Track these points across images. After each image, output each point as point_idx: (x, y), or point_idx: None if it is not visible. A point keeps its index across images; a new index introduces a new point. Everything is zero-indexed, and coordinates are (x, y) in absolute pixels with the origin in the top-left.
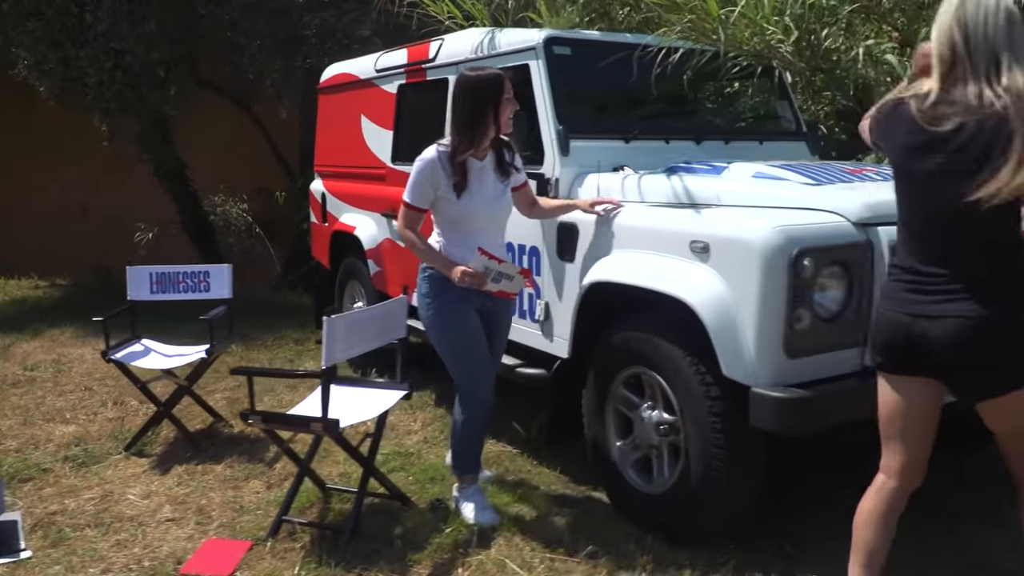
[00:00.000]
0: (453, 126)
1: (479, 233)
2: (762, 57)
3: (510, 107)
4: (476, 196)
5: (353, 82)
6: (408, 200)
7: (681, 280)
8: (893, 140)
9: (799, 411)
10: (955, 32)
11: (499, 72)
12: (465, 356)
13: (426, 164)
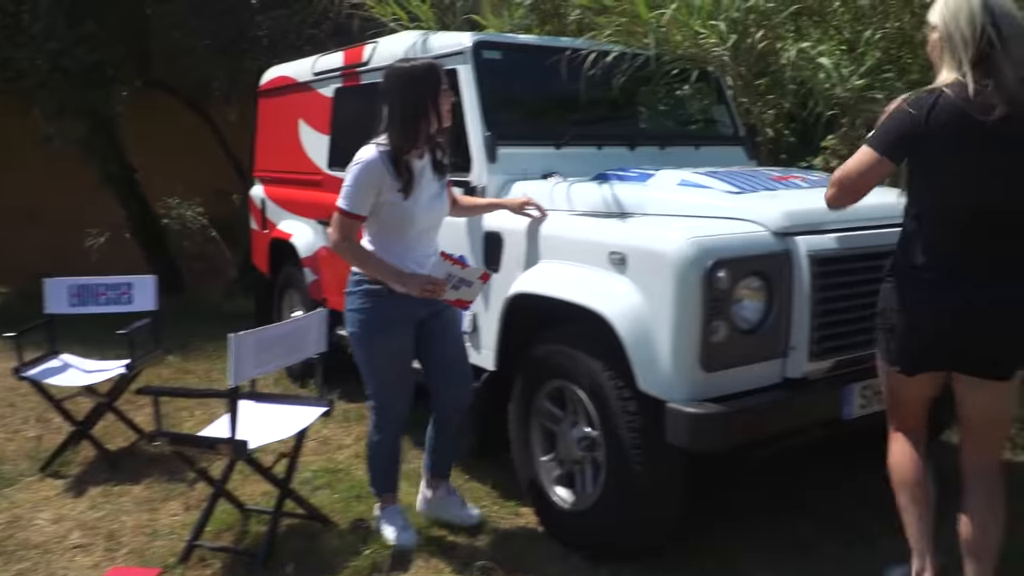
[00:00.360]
0: (390, 123)
1: (419, 238)
2: (697, 61)
3: (447, 98)
4: (420, 198)
5: (291, 85)
6: (346, 207)
7: (599, 292)
8: (942, 132)
9: (714, 427)
10: (984, 18)
11: (433, 62)
12: (389, 377)
13: (368, 165)
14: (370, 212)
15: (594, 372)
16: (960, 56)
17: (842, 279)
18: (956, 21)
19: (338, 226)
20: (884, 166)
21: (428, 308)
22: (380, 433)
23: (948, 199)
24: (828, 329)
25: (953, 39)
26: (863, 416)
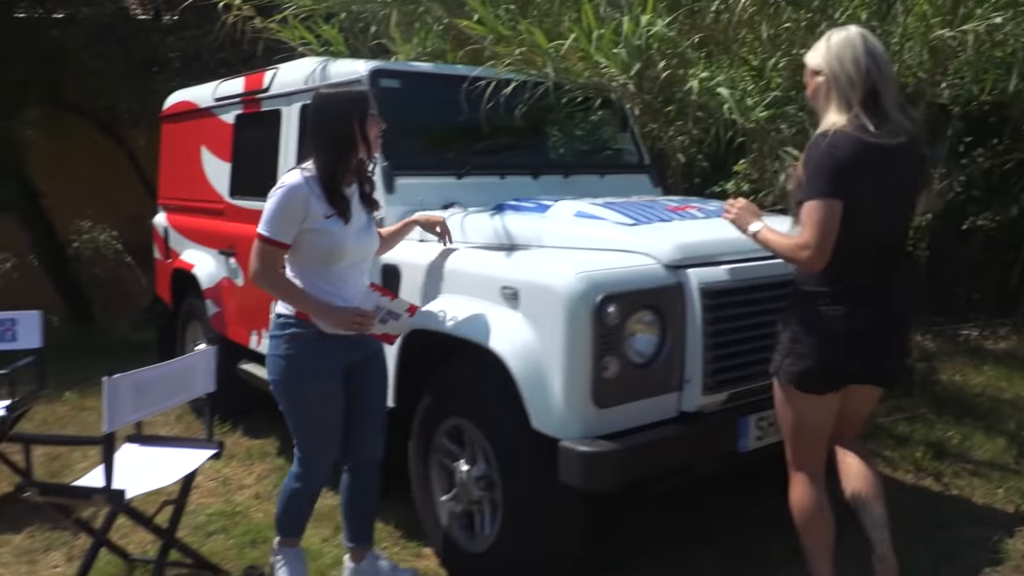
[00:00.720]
0: (317, 150)
1: (349, 271)
2: (600, 89)
3: (376, 124)
4: (351, 227)
5: (193, 111)
6: (269, 235)
7: (492, 328)
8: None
9: (607, 465)
10: (867, 60)
11: (362, 88)
12: (318, 429)
13: (293, 190)
14: (293, 242)
15: (489, 409)
16: (849, 97)
17: (734, 311)
18: (842, 64)
19: (259, 254)
20: (838, 206)
21: (359, 353)
22: (301, 482)
23: (862, 228)
24: (722, 362)
25: (840, 81)
26: (760, 448)
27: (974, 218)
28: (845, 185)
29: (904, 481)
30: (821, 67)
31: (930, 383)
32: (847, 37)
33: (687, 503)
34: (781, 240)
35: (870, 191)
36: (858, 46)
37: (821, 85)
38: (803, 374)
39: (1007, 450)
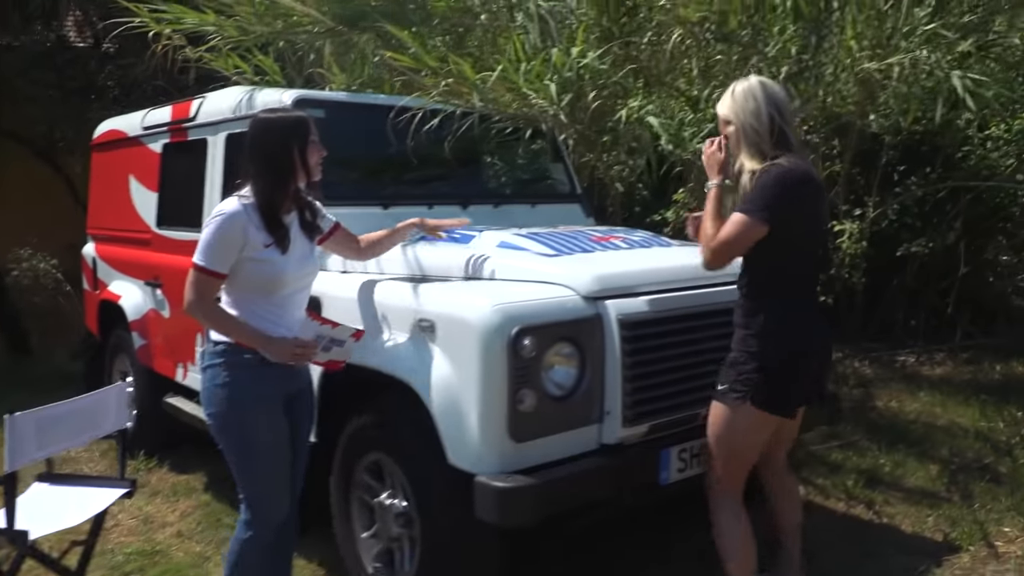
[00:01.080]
0: (255, 177)
1: (289, 300)
2: (530, 120)
3: (317, 151)
4: (291, 254)
5: (122, 140)
6: (205, 264)
7: (408, 361)
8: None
9: (523, 501)
10: (773, 110)
11: (303, 114)
12: (264, 470)
13: (230, 218)
14: (230, 271)
15: (406, 444)
16: (759, 144)
17: (654, 342)
18: (747, 114)
19: (194, 285)
20: (759, 232)
21: (295, 384)
22: (250, 531)
23: (802, 257)
24: (642, 393)
25: (747, 131)
26: (682, 480)
27: (908, 245)
28: (778, 215)
29: (835, 509)
30: (730, 117)
31: (866, 410)
32: (749, 88)
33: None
34: (708, 221)
35: (808, 219)
36: (759, 96)
37: (733, 134)
38: (768, 393)
39: (938, 478)
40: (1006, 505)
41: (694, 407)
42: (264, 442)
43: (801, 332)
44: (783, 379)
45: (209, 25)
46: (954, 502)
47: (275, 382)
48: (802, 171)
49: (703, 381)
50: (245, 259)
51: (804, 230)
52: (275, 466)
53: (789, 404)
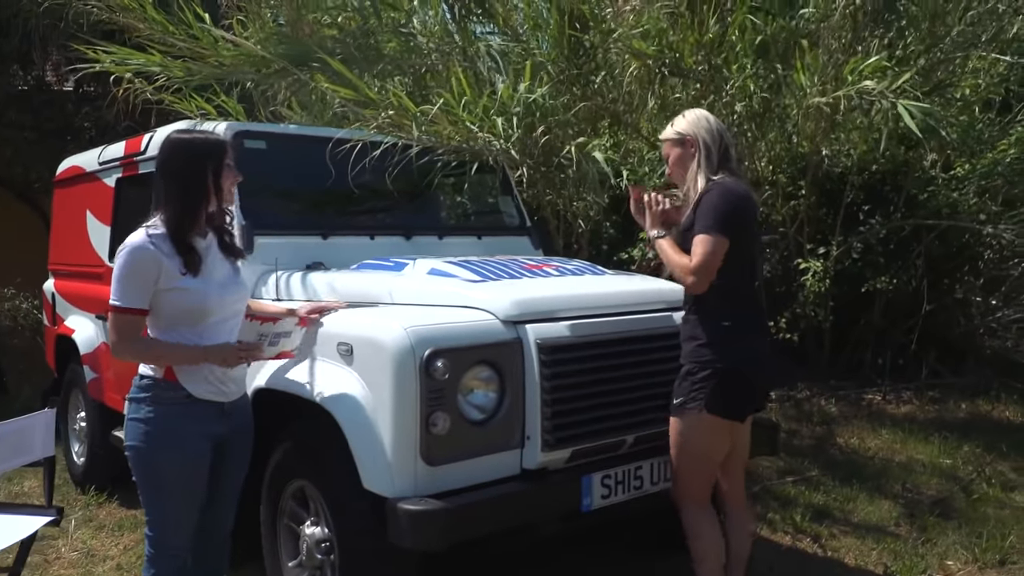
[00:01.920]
0: (166, 200)
1: (219, 328)
2: (476, 154)
3: (232, 175)
4: (211, 279)
5: (81, 175)
6: (121, 303)
7: (326, 385)
8: (749, 213)
9: (433, 524)
10: (721, 128)
11: (218, 135)
12: (174, 504)
13: (136, 251)
14: (151, 306)
15: (326, 470)
16: (711, 161)
17: (574, 367)
18: (701, 131)
19: (115, 326)
20: (725, 244)
21: (228, 424)
22: (155, 567)
23: (748, 268)
24: (562, 418)
25: (703, 144)
26: (607, 508)
27: (872, 282)
28: (734, 226)
29: (781, 543)
30: (687, 132)
31: (826, 446)
32: (699, 112)
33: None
34: (675, 257)
35: (751, 233)
36: (710, 118)
37: (686, 151)
38: (722, 398)
39: (888, 512)
40: (953, 539)
41: (619, 433)
42: (174, 482)
43: (749, 339)
44: (736, 384)
45: (155, 66)
46: (901, 536)
47: (199, 422)
48: (742, 189)
49: (629, 407)
50: (163, 291)
51: (748, 244)
52: (183, 509)
53: (743, 408)
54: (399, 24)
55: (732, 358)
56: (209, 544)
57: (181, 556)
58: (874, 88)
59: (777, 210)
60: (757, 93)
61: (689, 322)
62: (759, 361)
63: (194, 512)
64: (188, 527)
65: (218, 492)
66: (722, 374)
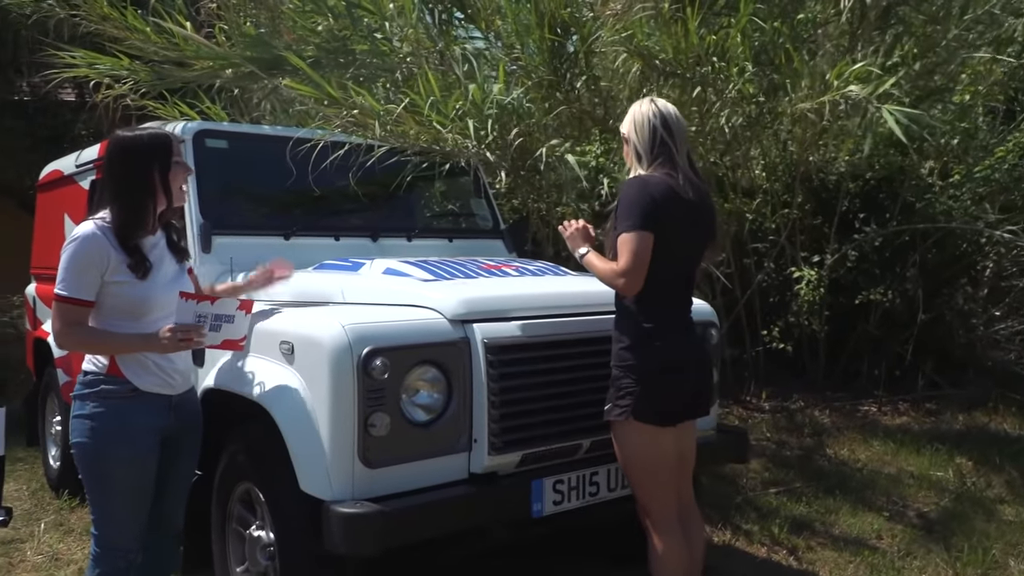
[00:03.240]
0: (112, 198)
1: (159, 324)
2: (447, 155)
3: (183, 172)
4: (157, 277)
5: (60, 179)
6: (66, 292)
7: (268, 384)
8: (668, 210)
9: (367, 529)
10: (658, 123)
11: (165, 131)
12: (123, 499)
13: (85, 241)
14: (96, 297)
15: (268, 472)
16: (640, 156)
17: (523, 368)
18: (635, 127)
19: (59, 316)
20: (650, 239)
21: (176, 419)
22: (100, 566)
23: (671, 266)
24: (510, 420)
25: (634, 142)
26: (560, 514)
27: (866, 292)
28: (656, 220)
29: (756, 554)
30: (623, 130)
31: (814, 458)
32: (638, 105)
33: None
34: (602, 265)
35: (677, 229)
36: (647, 112)
37: (627, 148)
38: (638, 404)
39: (870, 525)
40: (934, 553)
41: (573, 437)
42: (121, 479)
43: (672, 341)
44: (658, 388)
45: (123, 70)
46: (880, 550)
47: (146, 416)
48: (662, 183)
49: (582, 411)
50: (108, 283)
51: (667, 239)
52: (131, 506)
53: (669, 413)
54: (373, 29)
55: (654, 361)
56: (159, 541)
57: (128, 555)
58: (859, 93)
59: (768, 218)
60: (754, 98)
61: (614, 322)
62: (683, 362)
63: (142, 510)
64: (136, 525)
65: (166, 488)
66: (645, 378)
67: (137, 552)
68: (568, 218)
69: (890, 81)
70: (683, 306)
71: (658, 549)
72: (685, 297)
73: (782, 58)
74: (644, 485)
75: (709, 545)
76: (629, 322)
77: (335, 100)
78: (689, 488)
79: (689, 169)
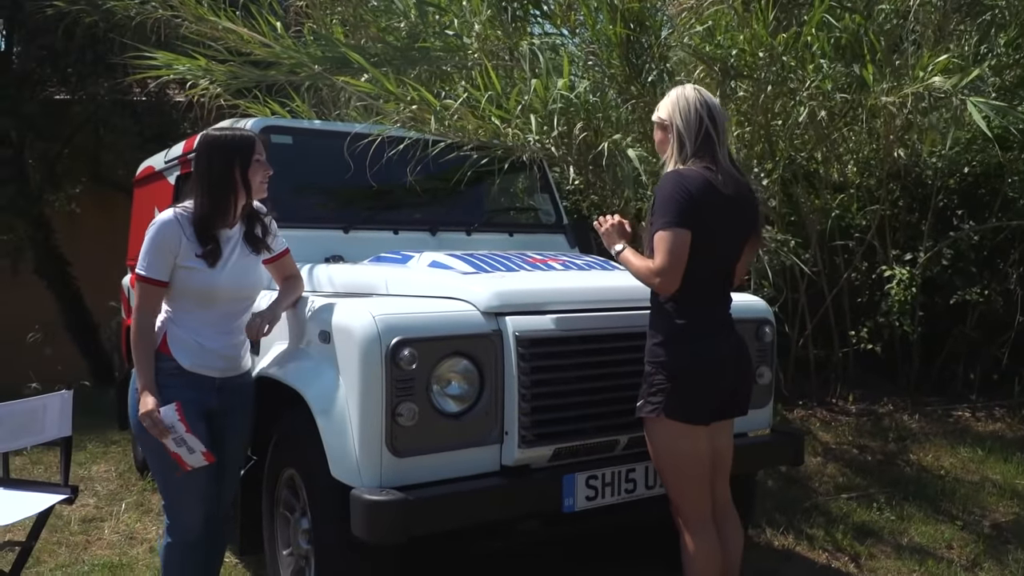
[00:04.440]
0: (198, 191)
1: (223, 312)
2: (509, 150)
3: (262, 170)
4: (225, 268)
5: (152, 175)
6: (144, 272)
7: (306, 372)
8: (707, 205)
9: (389, 516)
10: (704, 112)
11: (249, 132)
12: (174, 477)
13: (163, 226)
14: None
15: (308, 458)
16: (683, 146)
17: (556, 361)
18: (680, 114)
19: (138, 293)
20: (687, 236)
21: (222, 399)
22: (170, 535)
23: (708, 262)
24: (541, 414)
25: (679, 129)
26: (594, 510)
27: (961, 293)
28: (693, 216)
29: (816, 560)
30: (664, 117)
31: (896, 463)
32: (683, 91)
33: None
34: (639, 263)
35: (714, 225)
36: (689, 97)
37: (665, 136)
38: (678, 401)
39: (941, 535)
40: (1005, 566)
41: (610, 433)
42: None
43: (705, 338)
44: (690, 385)
45: (199, 70)
46: (947, 560)
47: (192, 390)
48: (700, 177)
49: (620, 407)
50: (179, 267)
51: (704, 235)
52: (184, 480)
53: (701, 411)
54: (444, 26)
55: (684, 358)
56: (212, 524)
57: (193, 523)
58: (942, 85)
59: (854, 214)
60: (833, 93)
61: (649, 318)
62: (717, 361)
63: (197, 479)
64: (194, 494)
65: (218, 466)
66: (676, 375)
67: (200, 528)
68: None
69: (974, 72)
70: (720, 303)
71: (690, 549)
72: (723, 294)
73: (864, 50)
74: (676, 483)
75: (768, 549)
76: (663, 318)
77: (394, 95)
78: (726, 488)
79: (729, 163)
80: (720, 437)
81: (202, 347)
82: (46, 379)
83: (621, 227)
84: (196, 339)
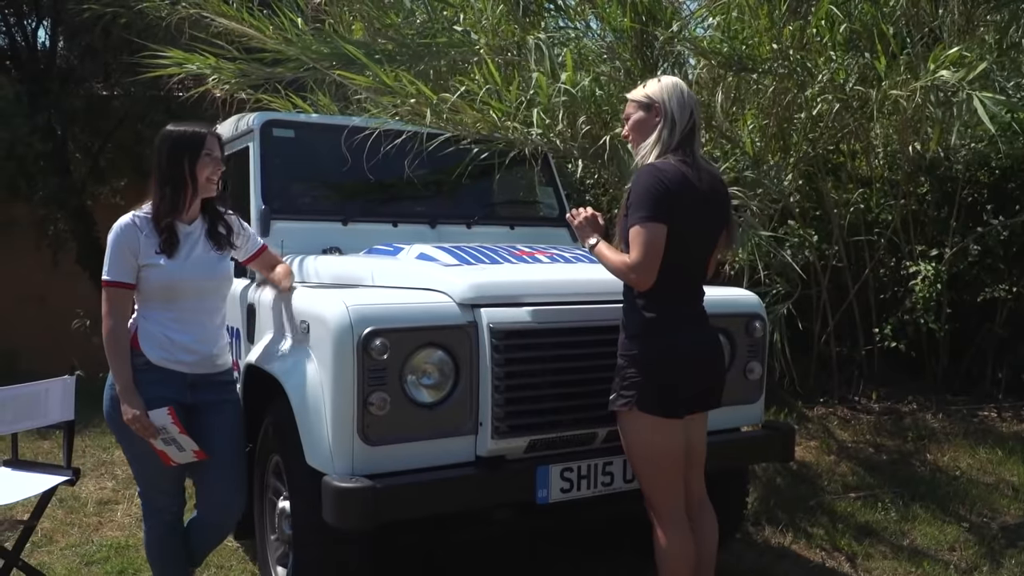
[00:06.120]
0: (153, 185)
1: (190, 307)
2: (511, 144)
3: (210, 166)
4: (186, 260)
5: None
6: (108, 276)
7: (287, 361)
8: (681, 197)
9: (358, 503)
10: (693, 104)
11: (204, 130)
12: (144, 468)
13: (121, 230)
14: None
15: (288, 445)
16: (674, 136)
17: (531, 353)
18: (672, 99)
19: (107, 300)
20: (664, 231)
21: (198, 394)
22: (147, 523)
23: (681, 256)
24: (515, 406)
25: (668, 115)
26: (569, 502)
27: (989, 290)
28: (669, 211)
29: (811, 559)
30: (656, 98)
31: (910, 463)
32: (675, 81)
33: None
34: (613, 257)
35: (689, 219)
36: (685, 89)
37: (650, 118)
38: (641, 395)
39: (946, 536)
40: (1004, 568)
41: (587, 426)
42: (141, 442)
43: (675, 331)
44: (662, 378)
45: (208, 68)
46: (946, 563)
47: (159, 387)
48: (676, 172)
49: (596, 400)
50: (141, 266)
51: (679, 230)
52: (151, 468)
53: (674, 405)
54: (452, 21)
55: (654, 351)
56: (213, 520)
57: (166, 515)
58: (950, 78)
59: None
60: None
61: (622, 313)
62: (690, 355)
63: (168, 474)
64: (167, 488)
65: (206, 462)
66: (649, 369)
67: (175, 511)
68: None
69: (981, 66)
70: (693, 297)
71: (662, 543)
72: (695, 288)
73: (876, 42)
74: (648, 477)
75: (765, 546)
76: (634, 312)
77: (391, 89)
78: (700, 482)
79: (703, 161)
80: (694, 431)
81: (171, 341)
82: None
83: (594, 220)
84: (164, 333)
